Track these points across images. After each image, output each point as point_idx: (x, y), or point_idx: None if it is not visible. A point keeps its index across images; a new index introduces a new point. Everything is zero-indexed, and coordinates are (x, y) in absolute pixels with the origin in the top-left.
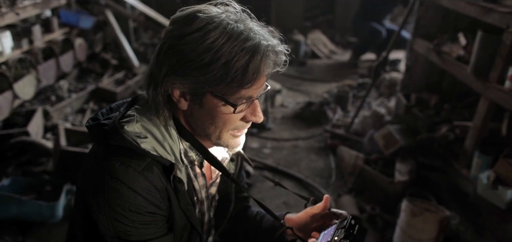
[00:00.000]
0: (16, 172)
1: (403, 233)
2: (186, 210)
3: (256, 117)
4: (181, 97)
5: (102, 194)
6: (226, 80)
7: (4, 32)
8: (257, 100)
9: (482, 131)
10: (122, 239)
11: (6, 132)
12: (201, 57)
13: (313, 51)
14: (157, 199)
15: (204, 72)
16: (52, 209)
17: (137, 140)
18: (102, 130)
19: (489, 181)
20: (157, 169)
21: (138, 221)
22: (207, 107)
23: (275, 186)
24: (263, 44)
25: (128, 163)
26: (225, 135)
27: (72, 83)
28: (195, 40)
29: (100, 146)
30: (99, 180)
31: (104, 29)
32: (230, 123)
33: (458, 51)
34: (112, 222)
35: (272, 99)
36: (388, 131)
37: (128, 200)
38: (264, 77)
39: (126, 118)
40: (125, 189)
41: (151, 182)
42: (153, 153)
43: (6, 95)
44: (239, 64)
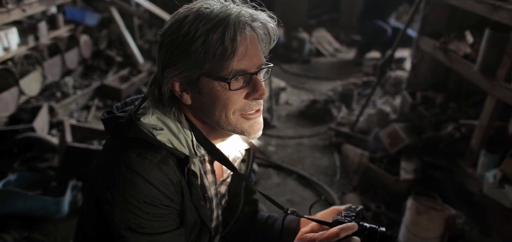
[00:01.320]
0: (22, 168)
1: (408, 231)
2: (197, 205)
3: (258, 93)
4: (183, 92)
5: (117, 185)
6: (209, 57)
7: (10, 29)
8: (256, 76)
9: (488, 130)
10: (135, 231)
11: (12, 128)
12: (183, 43)
13: (318, 49)
14: (172, 192)
15: (189, 55)
16: (58, 204)
17: (153, 132)
18: (117, 123)
19: (495, 180)
20: (173, 162)
21: (152, 214)
22: (205, 92)
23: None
24: (235, 12)
25: (144, 155)
26: (234, 118)
27: (77, 80)
28: (175, 30)
29: (116, 139)
30: (115, 172)
31: (109, 26)
32: (232, 102)
33: (465, 49)
34: (126, 214)
35: (277, 97)
36: (394, 129)
37: (143, 192)
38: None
39: (142, 111)
40: (140, 181)
41: (166, 174)
42: (169, 145)
43: (12, 92)
44: (216, 37)
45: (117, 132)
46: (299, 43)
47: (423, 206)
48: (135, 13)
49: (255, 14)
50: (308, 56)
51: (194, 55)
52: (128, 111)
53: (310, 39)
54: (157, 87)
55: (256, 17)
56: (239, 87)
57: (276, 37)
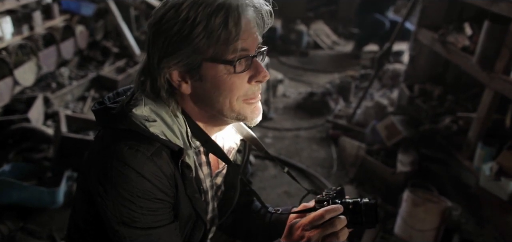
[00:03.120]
0: (17, 158)
1: (404, 223)
2: (192, 197)
3: (261, 75)
4: (182, 81)
5: (109, 179)
6: (212, 42)
7: (4, 18)
8: (257, 59)
9: (486, 122)
10: (129, 225)
11: (6, 118)
12: (182, 29)
13: (316, 41)
14: (165, 185)
15: (190, 42)
16: (53, 195)
17: (146, 123)
18: (109, 114)
19: (492, 173)
20: (166, 154)
21: (146, 208)
22: (208, 79)
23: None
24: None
25: (137, 148)
26: (237, 104)
27: (73, 71)
28: (172, 16)
29: (107, 130)
30: (107, 165)
31: (105, 17)
32: (236, 87)
33: (464, 41)
34: (119, 208)
35: (274, 89)
36: (391, 122)
37: (136, 186)
38: (251, 30)
39: (134, 102)
40: (133, 174)
41: (159, 167)
42: (162, 137)
43: (7, 82)
44: (218, 21)
45: (108, 123)
46: (297, 35)
47: (420, 198)
48: (131, 4)
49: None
50: (306, 49)
51: (195, 41)
52: (120, 102)
53: (308, 31)
54: (149, 80)
55: (252, 1)
56: (243, 69)
57: (271, 21)
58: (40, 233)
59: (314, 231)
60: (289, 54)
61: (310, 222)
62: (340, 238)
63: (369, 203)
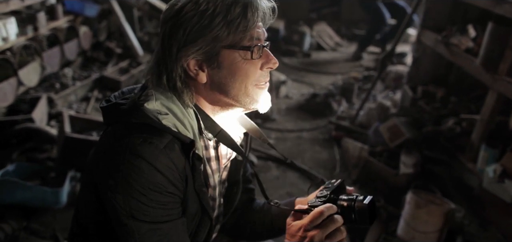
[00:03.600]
0: (20, 158)
1: (407, 225)
2: (199, 192)
3: (272, 62)
4: (199, 70)
5: (121, 171)
6: (232, 30)
7: (9, 19)
8: (266, 48)
9: (489, 124)
10: (137, 219)
11: (11, 119)
12: (201, 21)
13: (318, 43)
14: (176, 179)
15: (210, 30)
16: (56, 195)
17: (159, 116)
18: (120, 109)
19: (496, 175)
20: (178, 147)
21: (156, 201)
22: (226, 65)
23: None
24: None
25: (150, 140)
26: (251, 89)
27: (77, 71)
28: (191, 9)
29: (119, 125)
30: (119, 158)
31: (109, 18)
32: (252, 73)
33: (467, 43)
34: (129, 200)
35: (277, 91)
36: (394, 123)
37: (148, 178)
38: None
39: (144, 97)
40: (146, 166)
41: (172, 159)
42: (174, 129)
43: (11, 82)
44: (238, 10)
45: (119, 118)
46: (300, 36)
47: (423, 200)
48: (135, 5)
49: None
50: (309, 50)
51: (215, 30)
52: (131, 98)
53: (311, 33)
54: (165, 73)
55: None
56: (258, 57)
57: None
58: (44, 233)
59: (316, 230)
60: (291, 56)
61: (311, 221)
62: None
63: (362, 203)
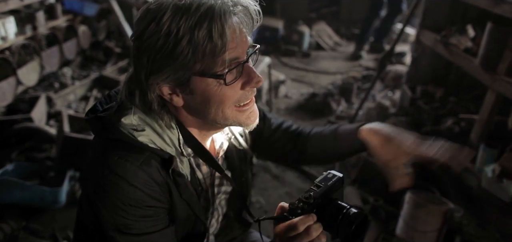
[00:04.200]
0: (19, 158)
1: (406, 224)
2: (189, 201)
3: (254, 80)
4: (172, 94)
5: (102, 188)
6: (198, 56)
7: (7, 18)
8: (248, 63)
9: (488, 124)
10: (123, 232)
11: (10, 118)
12: (165, 46)
13: (318, 42)
14: (157, 193)
15: (175, 58)
16: (55, 194)
17: (134, 133)
18: (100, 123)
19: (494, 174)
20: (156, 162)
21: (139, 215)
22: (199, 92)
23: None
24: (217, 4)
25: (126, 158)
26: (230, 112)
27: (76, 71)
28: (153, 31)
29: (99, 139)
30: (99, 175)
31: (108, 17)
32: (228, 97)
33: (466, 43)
34: (113, 215)
35: (276, 90)
36: (393, 123)
37: (128, 195)
38: (238, 35)
39: (124, 110)
40: (124, 184)
41: (150, 175)
42: (151, 145)
43: (10, 81)
44: (202, 34)
45: (100, 132)
46: (299, 36)
47: (421, 200)
48: (134, 4)
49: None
50: (308, 50)
51: (181, 57)
52: (109, 112)
53: (310, 32)
54: (138, 92)
55: (238, 1)
56: (234, 79)
57: (260, 19)
58: (43, 233)
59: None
60: (291, 55)
61: (285, 232)
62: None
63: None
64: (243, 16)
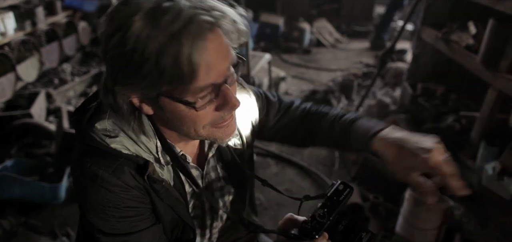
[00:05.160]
0: (19, 154)
1: (406, 222)
2: (173, 205)
3: (229, 106)
4: (142, 103)
5: (81, 192)
6: (165, 81)
7: (7, 13)
8: (225, 86)
9: (489, 122)
10: (107, 233)
11: (9, 114)
12: (131, 62)
13: (318, 39)
14: (135, 196)
15: (140, 79)
16: (55, 190)
17: (107, 139)
18: (76, 127)
19: (495, 172)
20: (130, 169)
21: (119, 216)
22: (168, 110)
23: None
24: (192, 23)
25: (98, 165)
26: (204, 131)
27: (75, 67)
28: (118, 43)
29: (78, 142)
30: (76, 179)
31: None
32: (201, 120)
33: (468, 40)
34: (95, 218)
35: (276, 87)
36: (393, 120)
37: (106, 197)
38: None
39: (100, 114)
40: (100, 189)
41: (124, 182)
42: (125, 151)
43: (9, 77)
44: (169, 60)
45: (77, 135)
46: (300, 33)
47: (421, 197)
48: None
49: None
50: (309, 47)
51: (146, 80)
52: (84, 117)
53: (311, 29)
54: (111, 95)
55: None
56: (207, 103)
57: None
58: (42, 229)
59: None
60: (291, 52)
61: None
62: None
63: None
64: (228, 27)
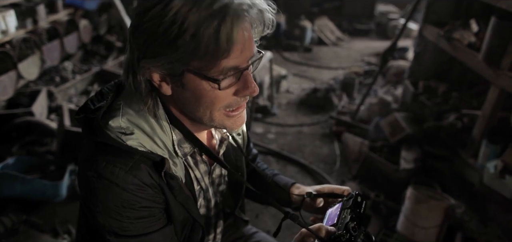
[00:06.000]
0: (20, 152)
1: (407, 220)
2: (184, 203)
3: (249, 90)
4: (162, 82)
5: (93, 193)
6: (199, 54)
7: (8, 11)
8: (248, 71)
9: (491, 120)
10: (120, 235)
11: (10, 112)
12: (167, 33)
13: (320, 37)
14: (150, 195)
15: (174, 49)
16: (56, 188)
17: (122, 137)
18: (88, 125)
19: (497, 170)
20: (146, 166)
21: (134, 217)
22: (190, 88)
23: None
24: (234, 3)
25: (114, 163)
26: (218, 115)
27: (77, 65)
28: (158, 14)
29: (88, 141)
30: (89, 180)
31: (109, 11)
32: (219, 101)
33: (470, 38)
34: (107, 219)
35: (278, 85)
36: (395, 118)
37: (121, 197)
38: (246, 42)
39: (112, 112)
40: (114, 188)
41: (140, 179)
42: (141, 149)
43: (11, 75)
44: (208, 32)
45: (88, 134)
46: (301, 31)
47: (423, 195)
48: None
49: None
50: (310, 45)
51: (180, 50)
52: (98, 113)
53: (312, 27)
54: (132, 74)
55: (255, 4)
56: (229, 85)
57: (272, 28)
58: (43, 226)
59: None
60: (293, 50)
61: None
62: None
63: None
64: (256, 20)
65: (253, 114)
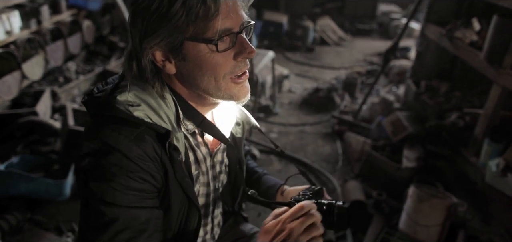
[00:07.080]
0: (24, 151)
1: (409, 218)
2: (182, 182)
3: (246, 51)
4: (166, 61)
5: (93, 158)
6: (192, 19)
7: (12, 12)
8: (241, 35)
9: (493, 118)
10: (109, 203)
11: (15, 112)
12: (160, 7)
13: (322, 37)
14: (151, 168)
15: (169, 20)
16: (60, 187)
17: (130, 108)
18: (96, 103)
19: (499, 169)
20: (151, 138)
21: (126, 185)
22: (191, 58)
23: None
24: None
25: (119, 131)
26: (224, 83)
27: (80, 65)
28: None
29: (95, 118)
30: (91, 146)
31: (112, 12)
32: (221, 66)
33: (472, 37)
34: (100, 184)
35: (280, 85)
36: (397, 117)
37: (120, 162)
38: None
39: (119, 88)
40: (117, 154)
41: (143, 150)
42: (147, 120)
43: (15, 75)
44: None
45: (95, 111)
46: (303, 31)
47: (425, 194)
48: None
49: None
50: (312, 45)
51: (174, 19)
52: (105, 91)
53: (315, 27)
54: (135, 61)
55: None
56: (227, 48)
57: None
58: (47, 224)
59: (295, 222)
60: (295, 50)
61: (292, 214)
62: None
63: (342, 207)
64: None
65: (256, 113)
